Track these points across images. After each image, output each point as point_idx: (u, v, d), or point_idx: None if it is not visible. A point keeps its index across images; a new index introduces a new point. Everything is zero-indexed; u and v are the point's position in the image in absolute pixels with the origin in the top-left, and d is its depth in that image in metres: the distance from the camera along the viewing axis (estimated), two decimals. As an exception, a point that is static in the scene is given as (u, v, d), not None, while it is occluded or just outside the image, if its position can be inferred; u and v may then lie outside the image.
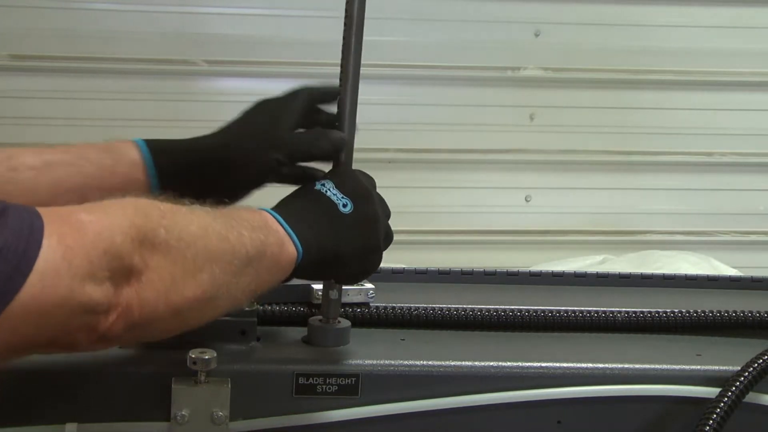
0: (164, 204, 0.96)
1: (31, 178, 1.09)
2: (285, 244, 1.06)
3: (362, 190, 1.18)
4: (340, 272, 1.16)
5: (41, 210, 0.85)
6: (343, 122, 1.22)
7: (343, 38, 1.22)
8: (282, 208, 1.10)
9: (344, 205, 1.14)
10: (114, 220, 0.89)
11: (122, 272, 0.88)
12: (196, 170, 1.18)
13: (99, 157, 1.13)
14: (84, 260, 0.85)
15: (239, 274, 1.00)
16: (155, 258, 0.91)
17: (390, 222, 1.20)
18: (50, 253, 0.83)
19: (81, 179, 1.11)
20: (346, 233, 1.13)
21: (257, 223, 1.04)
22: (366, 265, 1.18)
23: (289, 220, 1.07)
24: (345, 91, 1.22)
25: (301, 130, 1.22)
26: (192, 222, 0.96)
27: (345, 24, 1.22)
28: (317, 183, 1.16)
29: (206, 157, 1.20)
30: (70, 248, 0.84)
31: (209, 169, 1.18)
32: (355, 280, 1.20)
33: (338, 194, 1.15)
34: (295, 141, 1.20)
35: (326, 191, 1.14)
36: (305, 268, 1.09)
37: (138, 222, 0.90)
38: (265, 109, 1.25)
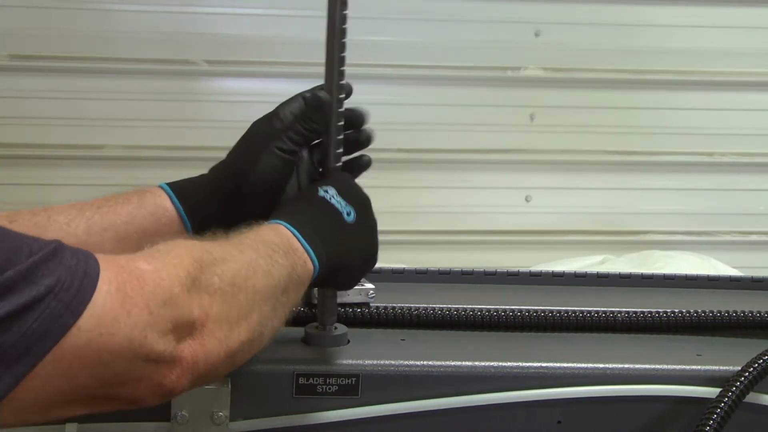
0: (215, 247, 0.97)
1: (65, 223, 1.10)
2: (306, 263, 1.07)
3: (362, 197, 1.19)
4: (341, 280, 1.17)
5: (99, 256, 0.86)
6: (331, 119, 1.22)
7: (326, 40, 1.22)
8: (294, 219, 1.10)
9: (348, 214, 1.15)
10: (172, 270, 0.89)
11: (184, 324, 0.89)
12: (219, 186, 1.19)
13: (126, 197, 1.15)
14: (144, 310, 0.86)
15: (279, 305, 1.02)
16: (213, 307, 0.92)
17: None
18: (108, 300, 0.83)
19: (113, 217, 1.12)
20: (351, 243, 1.14)
21: (284, 247, 1.05)
22: (364, 271, 1.20)
23: (305, 236, 1.08)
24: (330, 89, 1.22)
25: None
26: (240, 263, 0.97)
27: (327, 28, 1.22)
28: (320, 189, 1.15)
29: (223, 171, 1.20)
30: (129, 297, 0.85)
31: (228, 181, 1.19)
32: (352, 285, 1.21)
33: (342, 202, 1.15)
34: (284, 119, 1.21)
35: (330, 198, 1.15)
36: (315, 280, 1.10)
37: (194, 271, 0.91)
38: (261, 119, 1.24)
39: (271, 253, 1.02)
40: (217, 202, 1.18)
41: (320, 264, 1.09)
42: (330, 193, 1.15)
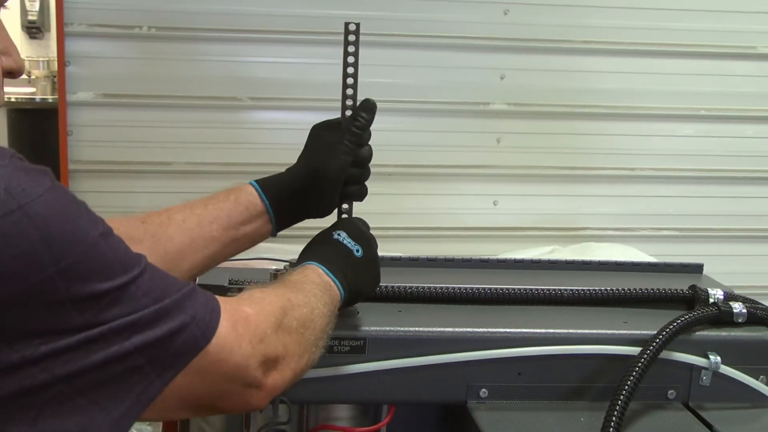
0: (293, 294, 0.99)
1: (182, 220, 1.11)
2: (337, 294, 1.09)
3: (366, 236, 1.18)
4: (355, 302, 1.19)
5: (218, 297, 0.88)
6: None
7: (342, 82, 1.22)
8: (323, 259, 1.10)
9: (357, 251, 1.15)
10: (267, 316, 0.92)
11: (272, 359, 0.92)
12: (293, 186, 1.18)
13: (225, 195, 1.15)
14: (248, 346, 0.88)
15: (328, 331, 1.05)
16: (291, 345, 0.95)
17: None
18: (226, 334, 0.85)
19: (217, 212, 1.13)
20: (362, 274, 1.15)
21: (325, 286, 1.07)
22: (372, 291, 1.21)
23: (333, 272, 1.09)
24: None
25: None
26: (308, 307, 1.00)
27: (343, 73, 1.22)
28: (334, 233, 1.16)
29: (294, 177, 1.19)
30: (240, 335, 0.87)
31: (304, 179, 1.18)
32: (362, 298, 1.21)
33: (351, 242, 1.15)
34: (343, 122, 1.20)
35: (342, 240, 1.15)
36: (341, 305, 1.13)
37: (280, 316, 0.94)
38: (321, 125, 1.23)
39: (321, 294, 1.04)
40: (294, 196, 1.17)
41: (345, 292, 1.10)
42: (342, 236, 1.15)
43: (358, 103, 1.21)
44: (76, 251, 0.74)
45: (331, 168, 1.15)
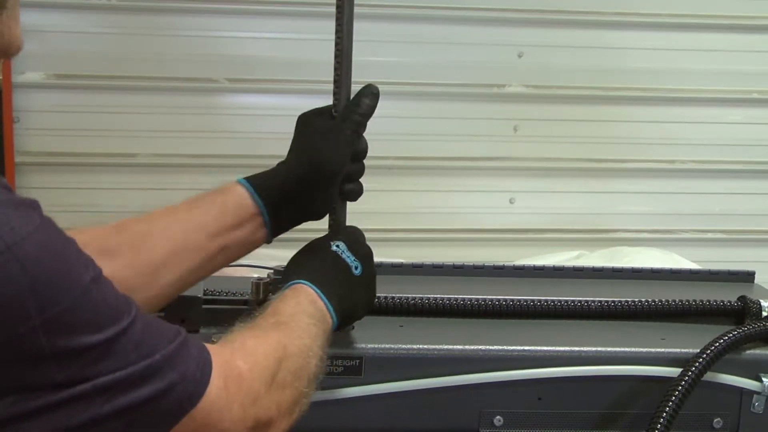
0: (291, 341, 1.00)
1: (164, 228, 1.11)
2: (330, 321, 1.10)
3: (367, 251, 1.19)
4: (347, 324, 1.19)
5: (208, 347, 0.89)
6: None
7: (335, 60, 1.22)
8: (318, 279, 1.11)
9: (356, 268, 1.15)
10: (261, 371, 0.94)
11: (264, 422, 0.93)
12: (289, 183, 1.17)
13: (213, 197, 1.14)
14: (240, 409, 0.89)
15: (321, 367, 1.05)
16: (284, 402, 0.96)
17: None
18: (217, 394, 0.87)
19: (204, 218, 1.12)
20: (359, 293, 1.15)
21: (319, 316, 1.08)
22: (364, 314, 1.20)
23: (328, 296, 1.10)
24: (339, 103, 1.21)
25: None
26: (305, 354, 1.01)
27: (335, 48, 1.21)
28: (332, 244, 1.16)
29: (292, 172, 1.18)
30: (231, 396, 0.89)
31: (299, 173, 1.17)
32: (353, 321, 1.22)
33: (351, 257, 1.16)
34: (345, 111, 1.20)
35: (341, 253, 1.15)
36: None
37: (274, 369, 0.95)
38: (310, 114, 1.22)
39: (316, 331, 1.05)
40: (291, 195, 1.16)
41: (337, 318, 1.11)
42: (341, 248, 1.16)
43: (353, 86, 1.21)
44: (65, 299, 0.75)
45: (332, 160, 1.14)
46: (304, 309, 1.06)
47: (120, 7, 2.54)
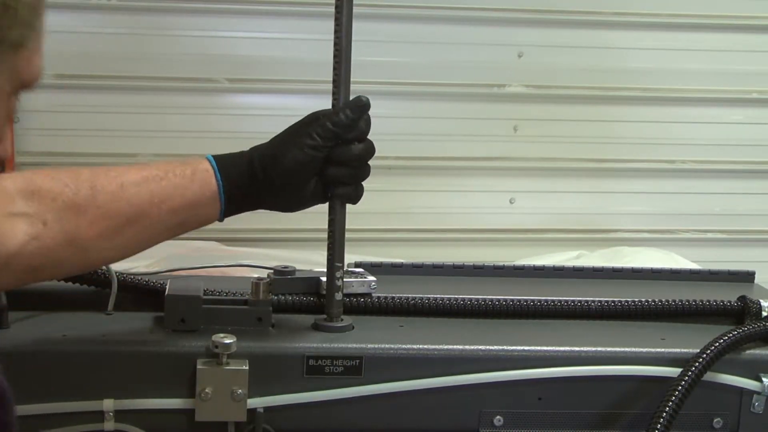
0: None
1: (134, 194, 1.11)
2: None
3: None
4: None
5: None
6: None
7: (334, 60, 1.22)
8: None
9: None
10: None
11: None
12: (255, 166, 1.17)
13: (182, 170, 1.15)
14: None
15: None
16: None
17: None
18: None
19: (171, 190, 1.13)
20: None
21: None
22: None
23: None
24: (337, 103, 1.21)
25: None
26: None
27: (335, 49, 1.21)
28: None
29: (258, 153, 1.18)
30: None
31: (260, 165, 1.17)
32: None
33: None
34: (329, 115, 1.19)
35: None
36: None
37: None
38: (313, 113, 1.21)
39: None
40: (248, 183, 1.16)
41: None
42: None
43: (353, 86, 1.21)
44: None
45: (284, 159, 1.14)
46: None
47: (120, 7, 2.54)
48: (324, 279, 1.28)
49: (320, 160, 1.16)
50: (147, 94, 2.59)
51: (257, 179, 1.16)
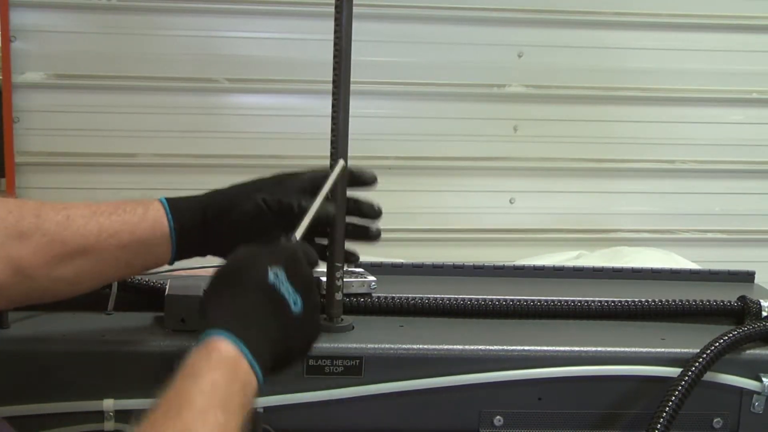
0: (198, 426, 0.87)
1: (82, 225, 1.08)
2: (256, 386, 0.94)
3: (307, 279, 1.02)
4: (279, 371, 1.02)
5: None
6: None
7: (334, 60, 1.21)
8: (242, 325, 0.94)
9: (295, 303, 0.98)
10: None
11: None
12: (207, 213, 1.13)
13: (133, 207, 1.11)
14: None
15: None
16: None
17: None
18: None
19: (120, 225, 1.09)
20: (295, 334, 1.00)
21: (242, 387, 0.91)
22: (304, 355, 1.12)
23: (254, 352, 0.93)
24: (337, 104, 1.21)
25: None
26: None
27: (335, 49, 1.21)
28: (270, 271, 0.98)
29: (213, 201, 1.14)
30: None
31: (214, 211, 1.13)
32: (293, 364, 1.05)
33: (290, 289, 0.99)
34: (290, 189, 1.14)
35: (279, 285, 0.98)
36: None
37: None
38: (288, 173, 1.16)
39: (235, 409, 0.89)
40: (201, 227, 1.13)
41: (262, 378, 0.94)
42: (280, 278, 0.98)
43: (352, 86, 1.20)
44: None
45: (235, 210, 1.10)
46: (220, 395, 0.89)
47: (120, 7, 2.54)
48: (324, 279, 1.28)
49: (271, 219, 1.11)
50: (147, 94, 2.59)
51: (209, 226, 1.12)
